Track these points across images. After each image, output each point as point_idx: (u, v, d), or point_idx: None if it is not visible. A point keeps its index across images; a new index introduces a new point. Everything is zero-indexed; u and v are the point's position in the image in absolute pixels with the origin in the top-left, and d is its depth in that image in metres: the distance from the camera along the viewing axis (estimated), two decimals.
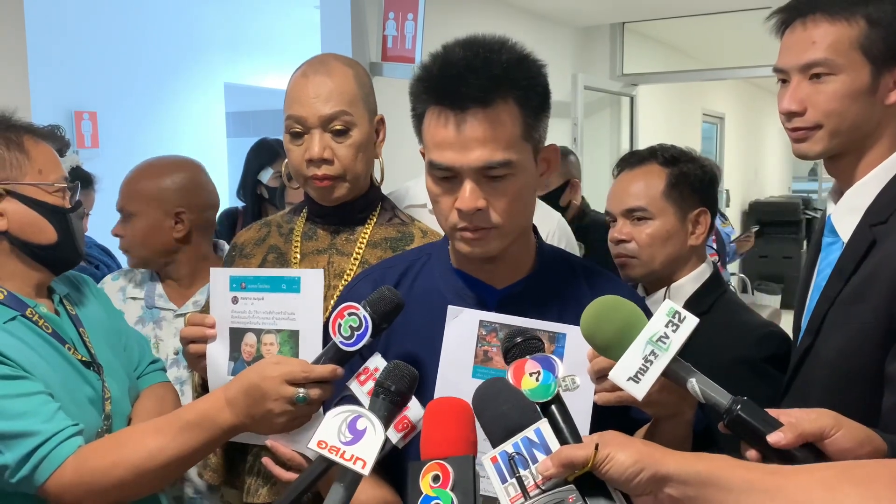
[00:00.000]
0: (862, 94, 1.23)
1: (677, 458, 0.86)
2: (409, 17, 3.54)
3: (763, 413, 0.95)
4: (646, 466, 0.84)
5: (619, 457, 0.85)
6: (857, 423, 0.96)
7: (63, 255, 1.43)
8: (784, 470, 0.86)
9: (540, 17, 5.75)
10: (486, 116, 1.09)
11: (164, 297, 2.01)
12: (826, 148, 1.28)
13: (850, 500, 0.77)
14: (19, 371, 1.27)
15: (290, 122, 1.48)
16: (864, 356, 1.18)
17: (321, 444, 0.93)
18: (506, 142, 1.10)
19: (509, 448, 0.88)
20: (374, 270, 1.35)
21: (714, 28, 6.78)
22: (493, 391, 0.95)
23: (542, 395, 0.93)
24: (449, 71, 1.11)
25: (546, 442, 0.88)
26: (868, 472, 0.81)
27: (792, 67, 1.28)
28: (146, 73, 5.40)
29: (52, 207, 1.39)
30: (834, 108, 1.24)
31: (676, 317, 0.98)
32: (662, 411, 1.11)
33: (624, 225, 1.69)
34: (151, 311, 2.00)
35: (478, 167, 1.10)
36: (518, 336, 1.00)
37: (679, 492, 0.84)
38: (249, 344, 1.35)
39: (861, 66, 1.23)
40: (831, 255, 1.31)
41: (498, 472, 0.88)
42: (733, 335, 1.55)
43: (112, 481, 1.22)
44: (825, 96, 1.24)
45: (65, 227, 1.41)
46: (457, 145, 1.10)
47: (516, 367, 0.95)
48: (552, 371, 0.93)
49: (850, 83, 1.23)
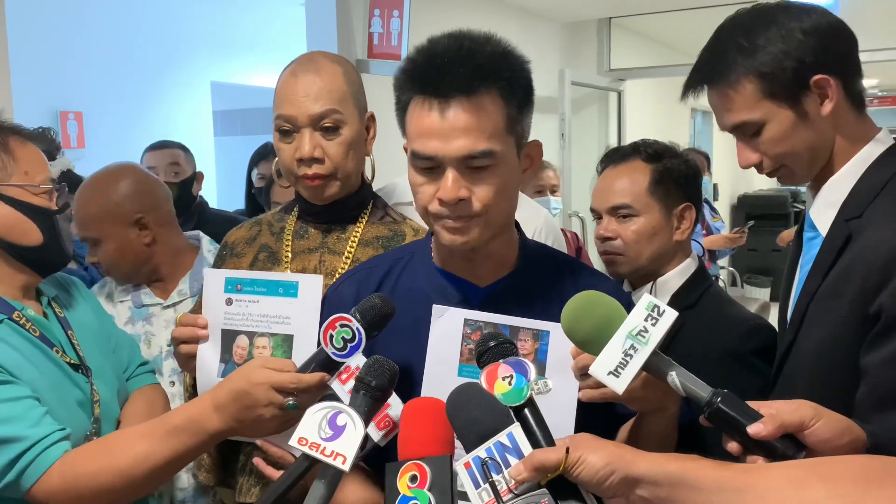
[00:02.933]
0: (797, 127, 1.26)
1: (648, 460, 0.86)
2: (394, 13, 3.54)
3: (743, 405, 0.96)
4: (617, 468, 0.85)
5: (591, 459, 0.85)
6: (838, 413, 0.97)
7: (49, 257, 1.42)
8: (754, 468, 0.87)
9: (527, 12, 5.74)
10: (469, 105, 1.10)
11: (150, 294, 2.02)
12: (802, 175, 1.32)
13: (818, 496, 0.78)
14: (6, 375, 1.26)
15: (280, 121, 1.48)
16: (842, 350, 1.19)
17: (302, 440, 0.92)
18: (489, 132, 1.11)
19: (482, 453, 0.89)
20: (359, 271, 1.35)
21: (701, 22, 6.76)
22: (466, 396, 0.95)
23: (515, 399, 0.92)
24: (434, 61, 1.12)
25: (518, 446, 0.89)
26: (837, 469, 0.82)
27: (727, 130, 1.33)
28: (132, 72, 5.36)
29: (37, 209, 1.38)
30: (779, 150, 1.28)
31: (656, 311, 0.98)
32: (646, 406, 1.12)
33: (609, 222, 1.69)
34: (140, 309, 2.00)
35: (460, 156, 1.11)
36: (491, 340, 1.00)
37: (650, 493, 0.85)
38: (241, 346, 1.34)
39: (778, 109, 1.26)
40: (812, 249, 1.33)
41: (471, 477, 0.88)
42: (720, 329, 1.56)
43: (99, 486, 1.21)
44: (766, 145, 1.29)
45: (51, 229, 1.40)
46: (440, 134, 1.10)
47: (489, 372, 0.95)
48: (525, 375, 0.93)
49: (779, 126, 1.26)
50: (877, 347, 1.13)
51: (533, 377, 0.93)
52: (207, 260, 2.01)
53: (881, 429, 1.03)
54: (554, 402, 0.96)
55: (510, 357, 0.96)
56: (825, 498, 0.78)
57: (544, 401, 0.95)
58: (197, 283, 1.96)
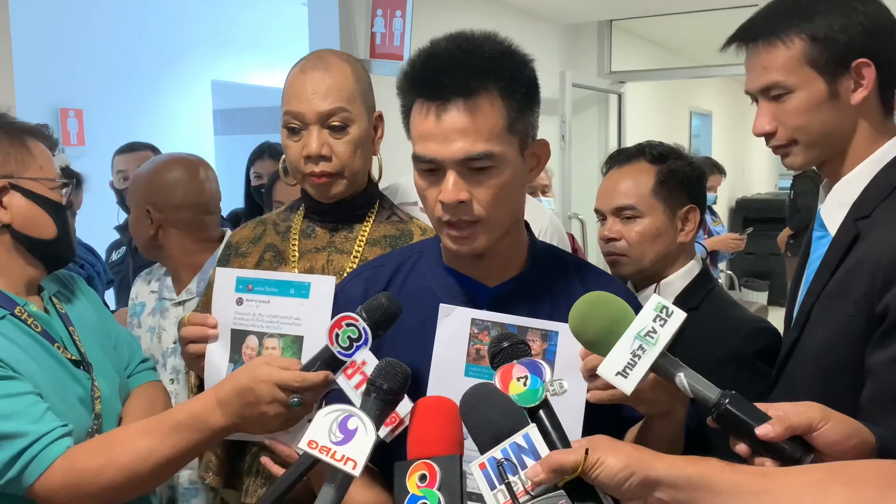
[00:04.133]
0: (824, 104, 1.27)
1: (667, 462, 0.86)
2: (397, 13, 3.54)
3: (751, 407, 0.95)
4: (636, 471, 0.84)
5: (609, 461, 0.85)
6: (846, 415, 0.97)
7: (59, 252, 1.44)
8: (773, 472, 0.87)
9: (528, 14, 5.75)
10: (467, 107, 1.09)
11: (170, 288, 2.06)
12: (808, 159, 1.32)
13: (837, 501, 0.78)
14: (8, 371, 1.26)
15: (288, 118, 1.47)
16: (846, 349, 1.19)
17: (312, 443, 0.91)
18: (488, 133, 1.10)
19: (498, 454, 0.88)
20: (366, 269, 1.34)
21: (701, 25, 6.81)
22: (480, 397, 0.94)
23: (530, 400, 0.92)
24: (432, 64, 1.12)
25: (535, 447, 0.88)
26: (855, 472, 0.82)
27: (754, 91, 1.32)
28: (133, 70, 5.36)
29: (52, 203, 1.40)
30: (799, 122, 1.28)
31: (664, 311, 0.98)
32: (654, 409, 1.12)
33: (613, 223, 1.69)
34: (161, 301, 2.05)
35: (459, 158, 1.10)
36: (505, 340, 0.99)
37: (669, 495, 0.85)
38: (251, 347, 1.33)
39: (814, 80, 1.26)
40: (820, 249, 1.33)
41: (486, 478, 0.87)
42: (723, 331, 1.56)
43: (102, 483, 1.21)
44: (789, 114, 1.28)
45: (63, 223, 1.42)
46: (439, 136, 1.10)
47: (503, 372, 0.94)
48: (539, 375, 0.93)
49: (808, 97, 1.26)
50: (883, 347, 1.13)
51: (548, 378, 0.92)
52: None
53: (889, 430, 1.03)
54: (562, 403, 0.95)
55: (524, 357, 0.95)
56: (844, 502, 0.78)
57: (552, 402, 0.94)
58: (203, 282, 1.96)
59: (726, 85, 9.66)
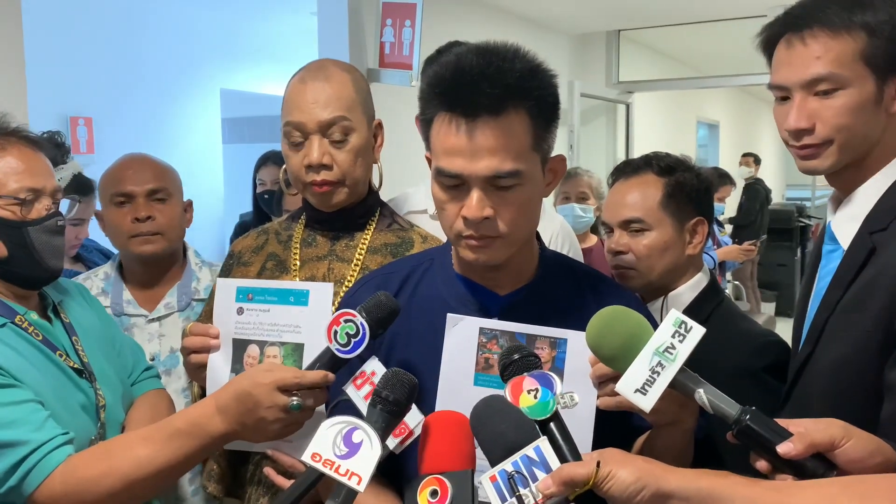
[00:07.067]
0: (869, 106, 1.21)
1: (679, 475, 0.85)
2: (406, 23, 3.54)
3: (772, 423, 0.94)
4: (648, 484, 0.84)
5: (621, 474, 0.84)
6: (868, 433, 0.95)
7: (20, 271, 1.36)
8: (786, 486, 0.86)
9: (536, 24, 5.77)
10: (497, 125, 1.09)
11: (134, 303, 1.91)
12: (836, 162, 1.25)
13: None
14: (9, 379, 1.25)
15: (289, 128, 1.47)
16: (863, 365, 1.16)
17: (315, 456, 0.90)
18: (515, 152, 1.10)
19: (508, 466, 0.88)
20: (375, 276, 1.34)
21: (709, 36, 6.82)
22: (491, 409, 0.94)
23: (541, 413, 0.91)
24: (462, 78, 1.10)
25: (546, 460, 0.88)
26: (869, 486, 0.81)
27: (795, 84, 1.24)
28: (142, 79, 5.38)
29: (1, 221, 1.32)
30: (844, 122, 1.21)
31: (683, 327, 0.97)
32: (664, 419, 1.10)
33: (621, 236, 1.67)
34: (120, 318, 1.88)
35: (486, 176, 1.10)
36: (515, 353, 0.98)
37: None
38: (252, 356, 1.33)
39: (866, 78, 1.20)
40: (831, 262, 1.30)
41: (497, 490, 0.87)
42: (732, 344, 1.54)
43: (102, 491, 1.20)
44: (834, 111, 1.22)
45: (19, 242, 1.34)
46: (466, 153, 1.10)
47: (514, 385, 0.93)
48: (550, 388, 0.92)
49: (858, 96, 1.20)
50: None
51: (559, 391, 0.92)
52: (195, 273, 1.96)
53: None
54: (572, 413, 0.94)
55: (535, 370, 0.95)
56: None
57: (563, 411, 0.93)
58: (186, 296, 1.91)
59: (733, 95, 9.65)
